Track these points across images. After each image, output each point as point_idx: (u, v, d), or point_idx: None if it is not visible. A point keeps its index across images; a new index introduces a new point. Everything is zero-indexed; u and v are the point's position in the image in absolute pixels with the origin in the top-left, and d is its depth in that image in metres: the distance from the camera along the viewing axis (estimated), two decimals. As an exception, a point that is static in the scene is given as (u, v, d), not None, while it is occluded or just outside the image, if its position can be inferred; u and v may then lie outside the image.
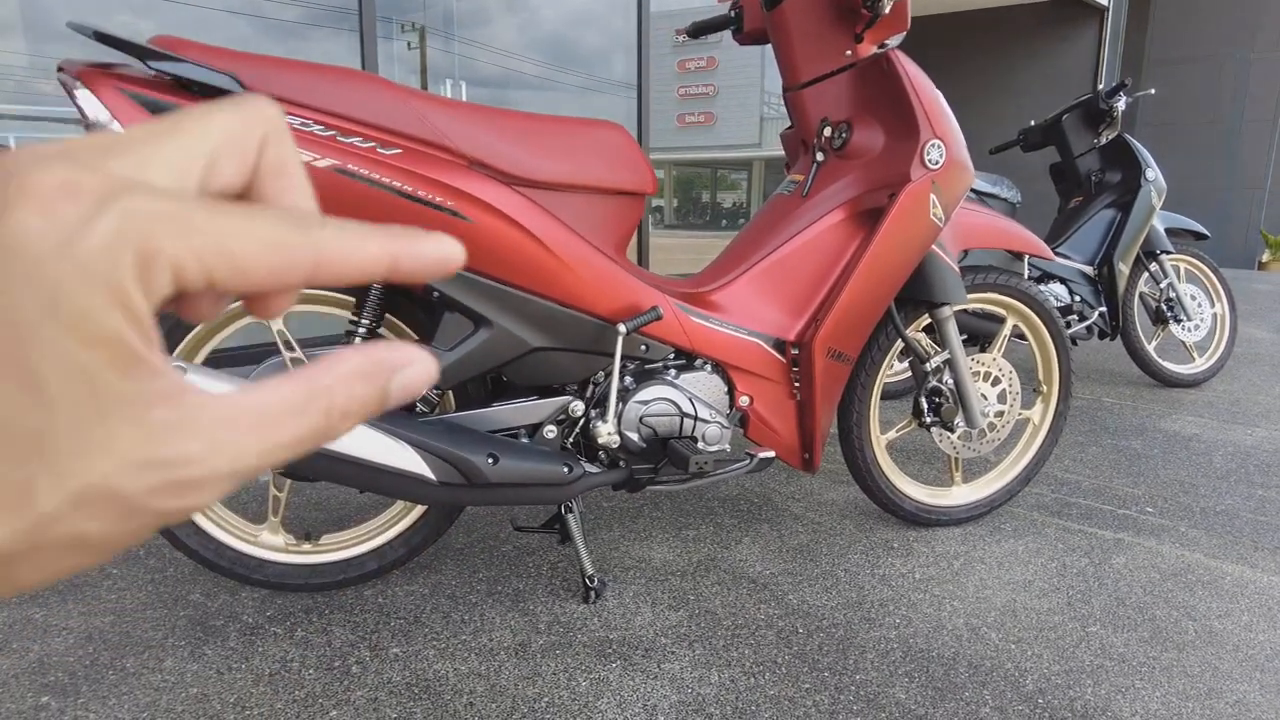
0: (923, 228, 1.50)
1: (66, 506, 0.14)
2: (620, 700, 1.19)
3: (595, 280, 1.32)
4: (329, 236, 0.17)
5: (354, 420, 0.18)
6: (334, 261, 0.17)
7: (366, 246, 0.18)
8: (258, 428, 0.16)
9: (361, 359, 0.18)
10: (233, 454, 0.16)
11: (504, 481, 1.28)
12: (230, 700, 1.18)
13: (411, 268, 0.19)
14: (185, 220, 0.15)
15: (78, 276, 0.14)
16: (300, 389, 0.17)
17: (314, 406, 0.17)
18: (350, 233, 0.18)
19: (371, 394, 0.18)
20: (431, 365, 0.19)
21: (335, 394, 0.17)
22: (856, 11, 1.49)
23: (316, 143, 1.13)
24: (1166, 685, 1.25)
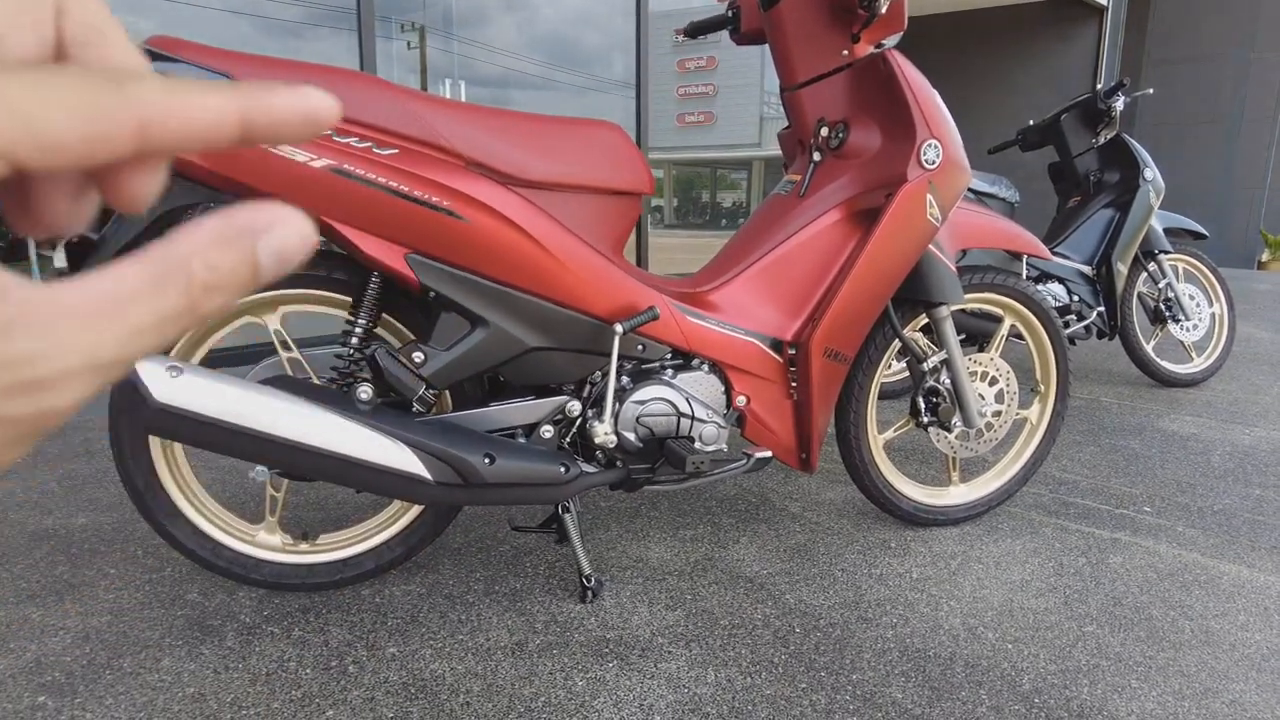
0: (919, 228, 1.50)
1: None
2: (617, 700, 1.19)
3: (592, 280, 1.32)
4: (153, 90, 0.15)
5: (222, 295, 0.16)
6: (164, 120, 0.15)
7: (205, 101, 0.16)
8: (107, 314, 0.15)
9: (219, 222, 0.16)
10: (85, 346, 0.15)
11: (501, 481, 1.28)
12: (227, 700, 1.18)
13: (268, 126, 0.17)
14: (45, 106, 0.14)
15: None
16: (151, 266, 0.15)
17: (170, 282, 0.15)
18: (183, 87, 0.16)
19: (237, 261, 0.16)
20: (305, 224, 0.17)
21: (193, 265, 0.16)
22: (853, 12, 1.49)
23: (313, 143, 1.13)
24: (1163, 685, 1.25)
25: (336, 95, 1.13)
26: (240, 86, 0.16)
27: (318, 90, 0.18)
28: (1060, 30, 8.31)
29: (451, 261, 1.23)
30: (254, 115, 0.16)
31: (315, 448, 1.17)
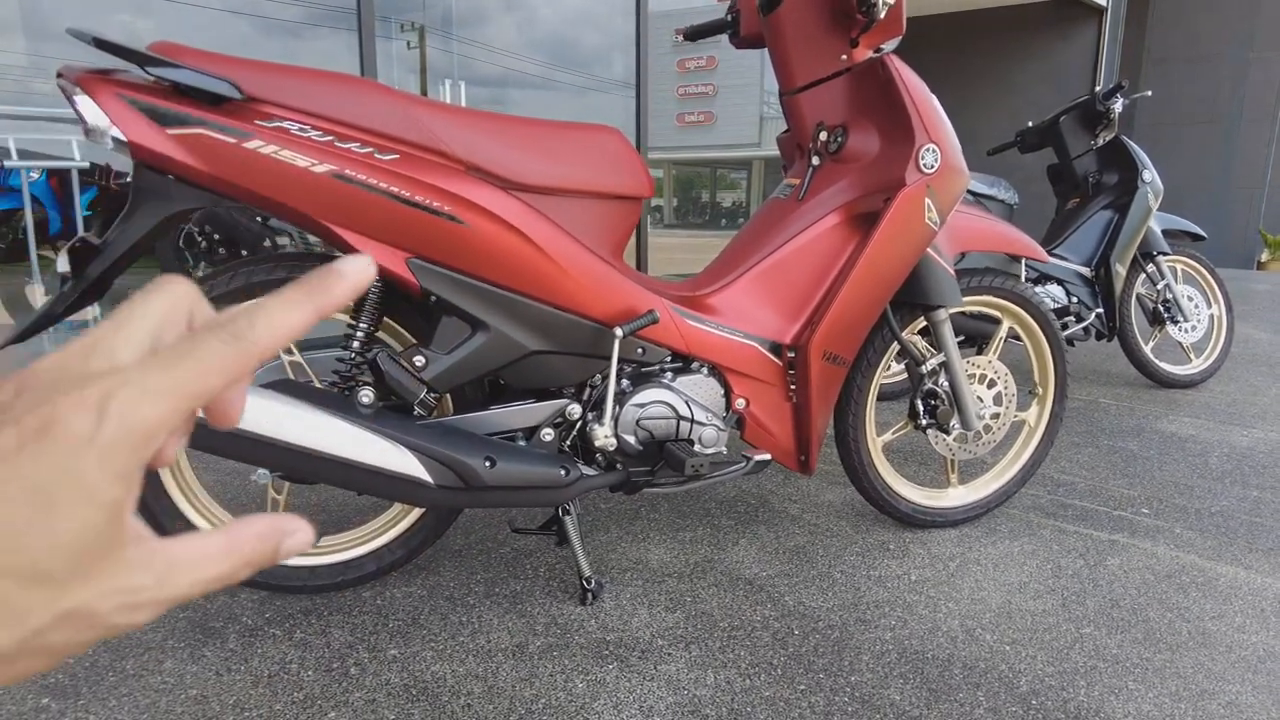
0: (918, 231, 1.50)
1: (51, 623, 0.19)
2: (617, 702, 1.20)
3: (592, 284, 1.32)
4: (260, 334, 0.22)
5: (254, 568, 0.23)
6: (272, 347, 0.22)
7: (291, 320, 0.23)
8: (191, 568, 0.22)
9: (265, 525, 0.24)
10: (172, 585, 0.21)
11: (501, 484, 1.28)
12: (229, 702, 1.18)
13: (335, 307, 0.24)
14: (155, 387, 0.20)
15: (96, 465, 0.19)
16: (222, 543, 0.23)
17: (230, 557, 0.23)
18: (275, 316, 0.22)
19: (268, 549, 0.23)
20: (310, 534, 0.25)
21: (244, 548, 0.23)
22: (852, 16, 1.49)
23: (314, 148, 1.13)
24: (1159, 686, 1.26)
25: (338, 100, 1.14)
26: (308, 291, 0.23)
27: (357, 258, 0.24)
28: (1059, 30, 8.31)
29: (452, 266, 1.24)
30: (326, 308, 0.23)
31: (317, 451, 1.18)
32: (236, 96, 1.10)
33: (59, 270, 1.16)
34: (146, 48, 1.09)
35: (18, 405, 0.19)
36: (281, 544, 0.24)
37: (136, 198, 1.13)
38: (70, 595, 0.19)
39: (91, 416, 0.19)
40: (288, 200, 1.14)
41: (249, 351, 0.22)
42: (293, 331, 0.22)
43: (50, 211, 4.47)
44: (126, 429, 0.19)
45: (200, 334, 0.21)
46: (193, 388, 0.21)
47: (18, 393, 0.20)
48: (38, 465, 0.19)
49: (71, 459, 0.19)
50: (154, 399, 0.20)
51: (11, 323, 3.27)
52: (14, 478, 0.18)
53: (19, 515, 0.18)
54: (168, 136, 1.07)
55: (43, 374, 0.20)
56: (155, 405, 0.20)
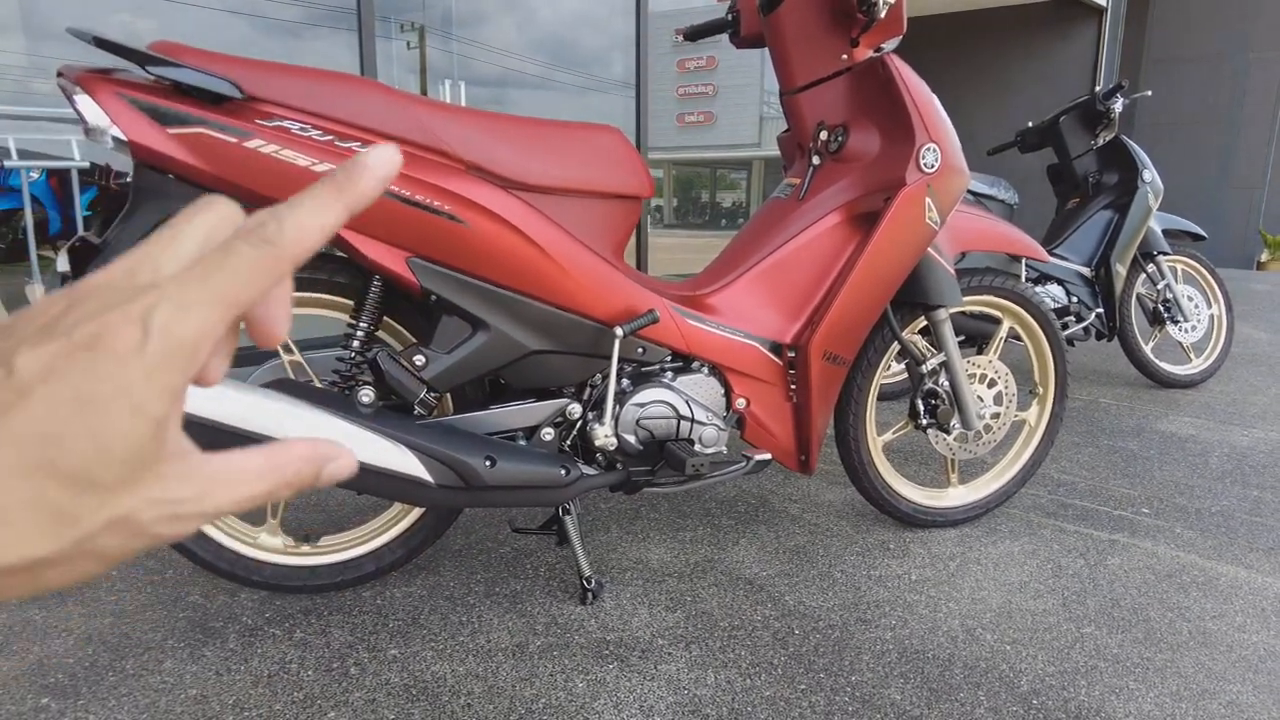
0: (918, 231, 1.50)
1: (100, 528, 0.20)
2: (617, 701, 1.20)
3: (592, 284, 1.32)
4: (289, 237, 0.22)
5: (294, 489, 0.24)
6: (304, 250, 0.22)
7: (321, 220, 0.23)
8: (232, 483, 0.22)
9: (308, 448, 0.24)
10: (213, 499, 0.22)
11: (501, 484, 1.28)
12: (229, 702, 1.18)
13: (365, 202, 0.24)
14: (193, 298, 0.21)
15: (143, 378, 0.20)
16: (265, 461, 0.23)
17: (270, 475, 0.23)
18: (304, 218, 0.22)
19: (309, 473, 0.24)
20: (353, 462, 0.25)
21: (286, 469, 0.23)
22: (852, 16, 1.49)
23: (314, 147, 1.13)
24: (1160, 686, 1.26)
25: (338, 99, 1.14)
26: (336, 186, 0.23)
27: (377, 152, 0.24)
28: (1059, 30, 8.31)
29: (453, 265, 1.24)
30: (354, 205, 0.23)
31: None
32: (237, 96, 1.10)
33: (59, 270, 1.16)
34: (147, 47, 1.09)
35: (67, 319, 0.20)
36: (323, 469, 0.24)
37: (137, 197, 1.13)
38: (117, 502, 0.20)
39: (137, 330, 0.20)
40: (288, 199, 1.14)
41: (280, 255, 0.22)
42: (323, 232, 0.23)
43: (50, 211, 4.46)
44: (171, 343, 0.20)
45: (230, 242, 0.22)
46: (229, 296, 0.21)
47: (68, 307, 0.20)
48: (87, 376, 0.19)
49: (119, 371, 0.19)
50: (193, 311, 0.20)
51: (11, 323, 3.26)
52: (64, 387, 0.19)
53: (70, 422, 0.19)
54: (168, 136, 1.07)
55: (91, 289, 0.21)
56: (195, 317, 0.20)
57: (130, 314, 0.20)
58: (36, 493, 0.19)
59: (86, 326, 0.20)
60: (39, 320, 0.20)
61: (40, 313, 0.21)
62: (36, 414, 0.19)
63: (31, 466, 0.19)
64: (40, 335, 0.20)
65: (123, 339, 0.20)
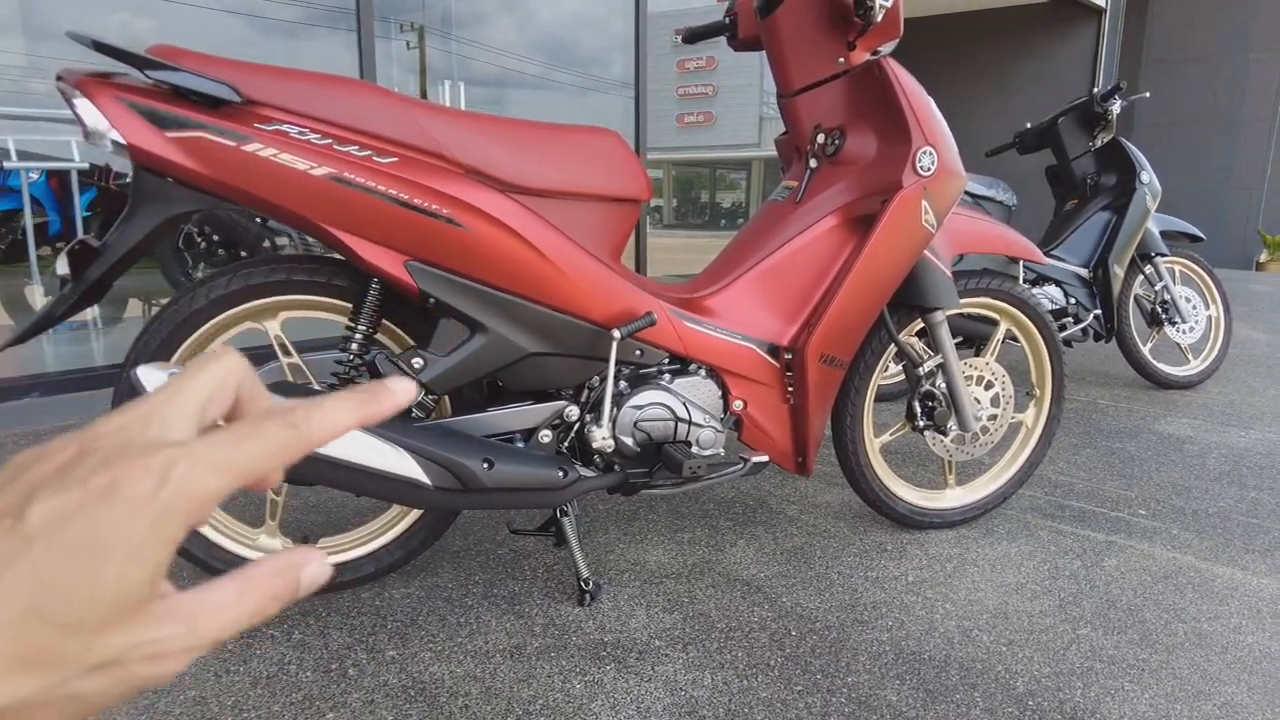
0: (915, 234, 1.51)
1: (85, 671, 0.20)
2: (614, 703, 1.20)
3: (590, 286, 1.33)
4: (315, 427, 0.24)
5: (278, 604, 0.24)
6: (320, 441, 0.25)
7: (340, 420, 0.25)
8: (214, 614, 0.23)
9: (278, 563, 0.24)
10: (201, 632, 0.22)
11: (499, 486, 1.29)
12: (228, 703, 1.19)
13: (375, 421, 0.26)
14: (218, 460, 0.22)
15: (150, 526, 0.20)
16: (240, 584, 0.23)
17: (249, 596, 0.23)
18: (329, 415, 0.25)
19: (288, 584, 0.24)
20: (326, 565, 0.25)
21: (262, 586, 0.24)
22: (849, 20, 1.50)
23: (313, 151, 1.14)
24: (1155, 687, 1.26)
25: (337, 103, 1.15)
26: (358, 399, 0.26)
27: (404, 380, 0.27)
28: (1058, 31, 8.32)
29: (451, 268, 1.24)
30: (368, 419, 0.26)
31: (315, 453, 1.18)
32: (236, 100, 1.10)
33: (58, 272, 1.16)
34: (146, 51, 1.09)
35: (80, 467, 0.21)
36: (299, 577, 0.25)
37: (136, 200, 1.13)
38: (103, 645, 0.20)
39: (154, 480, 0.21)
40: (286, 203, 1.15)
41: (303, 440, 0.24)
42: (341, 430, 0.25)
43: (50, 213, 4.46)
44: (185, 495, 0.21)
45: (263, 419, 0.24)
46: (250, 466, 0.23)
47: (80, 455, 0.21)
48: (97, 522, 0.20)
49: (129, 519, 0.20)
50: (215, 471, 0.22)
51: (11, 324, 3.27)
52: (72, 534, 0.20)
53: (68, 568, 0.19)
54: (167, 139, 1.08)
55: (104, 435, 0.22)
56: (215, 477, 0.22)
57: (150, 465, 0.21)
58: (23, 636, 0.19)
59: (103, 475, 0.20)
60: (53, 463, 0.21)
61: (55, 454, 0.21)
62: (38, 562, 0.19)
63: (22, 611, 0.19)
64: (55, 482, 0.20)
65: (138, 487, 0.20)
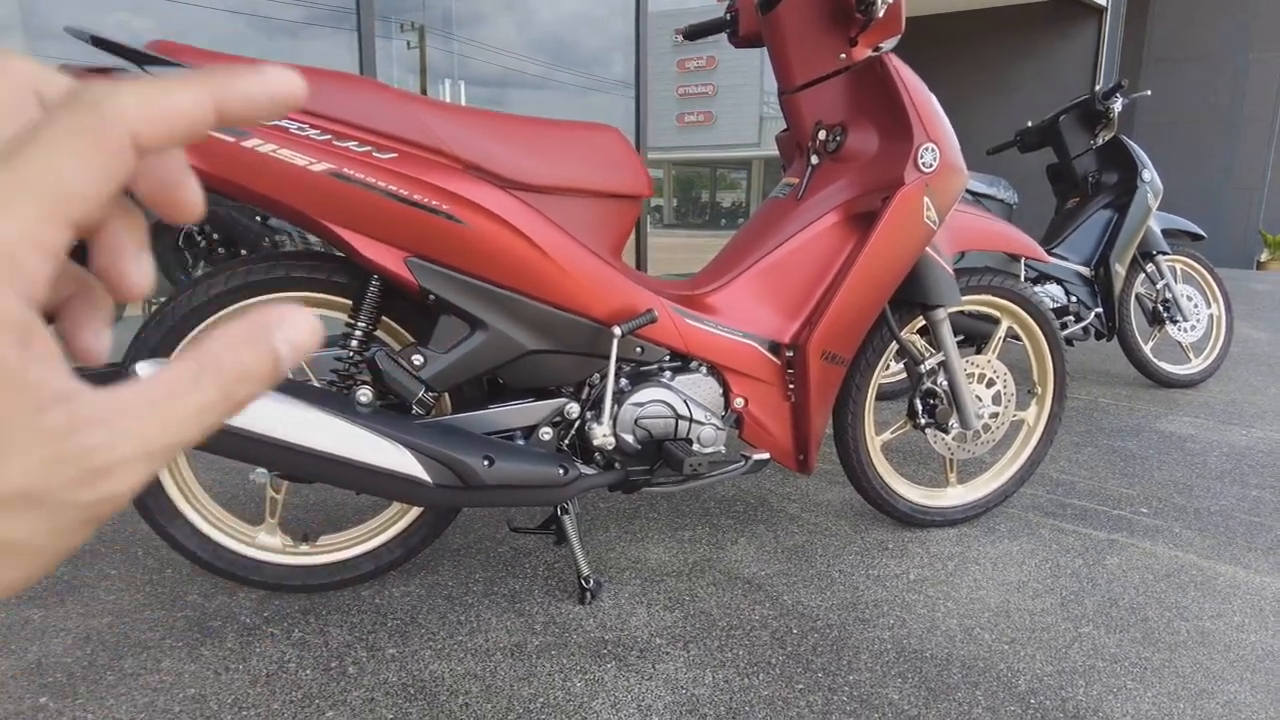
0: (916, 231, 1.50)
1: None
2: (615, 701, 1.20)
3: (590, 283, 1.32)
4: (127, 104, 0.17)
5: (252, 385, 0.18)
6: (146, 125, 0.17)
7: (181, 98, 0.18)
8: (155, 408, 0.17)
9: (240, 324, 0.18)
10: (137, 436, 0.17)
11: (500, 483, 1.28)
12: (227, 701, 1.18)
13: (241, 108, 0.19)
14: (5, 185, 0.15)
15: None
16: (188, 365, 0.18)
17: (205, 378, 0.18)
18: (156, 88, 0.17)
19: (260, 356, 0.18)
20: (311, 318, 0.19)
21: (223, 362, 0.18)
22: (851, 16, 1.49)
23: (312, 147, 1.13)
24: (1158, 685, 1.26)
25: (336, 99, 1.14)
26: (206, 74, 0.18)
27: (279, 69, 0.19)
28: (1059, 29, 8.31)
29: (451, 265, 1.24)
30: (226, 102, 0.18)
31: (315, 450, 1.18)
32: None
33: (57, 269, 1.16)
34: (144, 46, 1.09)
35: None
36: (273, 341, 0.18)
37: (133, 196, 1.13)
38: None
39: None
40: (286, 199, 1.14)
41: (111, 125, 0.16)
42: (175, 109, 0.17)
43: (50, 211, 4.46)
44: None
45: (41, 119, 0.16)
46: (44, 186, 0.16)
47: None
48: None
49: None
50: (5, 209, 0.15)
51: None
52: None
53: None
54: None
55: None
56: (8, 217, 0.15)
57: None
58: None
59: None
60: None
61: None
62: None
63: None
64: None
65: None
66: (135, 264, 0.20)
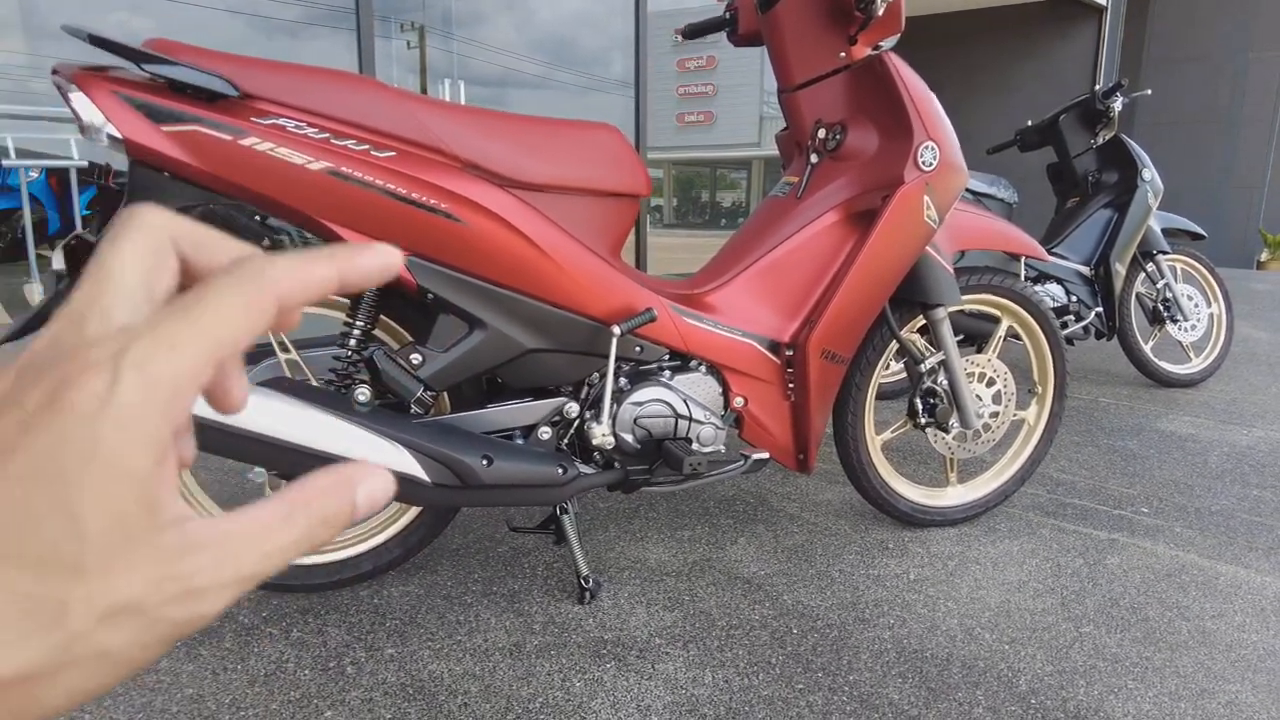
0: (916, 230, 1.50)
1: (95, 622, 0.17)
2: (614, 701, 1.19)
3: (589, 282, 1.32)
4: (282, 271, 0.20)
5: (330, 529, 0.21)
6: (290, 293, 0.20)
7: (317, 272, 0.21)
8: (252, 540, 0.19)
9: (330, 476, 0.21)
10: (234, 564, 0.19)
11: (499, 483, 1.28)
12: (225, 701, 1.18)
13: (357, 279, 0.22)
14: (172, 335, 0.18)
15: (115, 430, 0.17)
16: (284, 506, 0.20)
17: (296, 518, 0.20)
18: (300, 263, 0.21)
19: (342, 505, 0.21)
20: (389, 479, 0.22)
21: (311, 506, 0.20)
22: (850, 14, 1.49)
23: (310, 145, 1.13)
24: (1159, 685, 1.25)
25: (334, 97, 1.14)
26: (336, 251, 0.22)
27: (385, 247, 0.23)
28: (1059, 29, 8.31)
29: (449, 264, 1.23)
30: (348, 274, 0.22)
31: (313, 449, 1.17)
32: (232, 94, 1.10)
33: (54, 268, 1.15)
34: (142, 44, 1.08)
35: (18, 390, 0.17)
36: (356, 496, 0.21)
37: (132, 195, 1.13)
38: (109, 587, 0.17)
39: (104, 377, 0.17)
40: (284, 198, 1.14)
41: (267, 290, 0.20)
42: (314, 280, 0.21)
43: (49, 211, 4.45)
44: (146, 384, 0.17)
45: (213, 278, 0.19)
46: (214, 331, 0.18)
47: (18, 377, 0.18)
48: (47, 442, 0.17)
49: (85, 427, 0.17)
50: (173, 348, 0.18)
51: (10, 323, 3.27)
52: (22, 462, 0.16)
53: (33, 500, 0.16)
54: (163, 133, 1.07)
55: (38, 355, 0.18)
56: (176, 355, 0.18)
57: (92, 360, 0.17)
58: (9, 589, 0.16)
59: (41, 386, 0.17)
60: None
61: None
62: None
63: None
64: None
65: (86, 390, 0.17)
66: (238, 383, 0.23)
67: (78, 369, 0.17)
